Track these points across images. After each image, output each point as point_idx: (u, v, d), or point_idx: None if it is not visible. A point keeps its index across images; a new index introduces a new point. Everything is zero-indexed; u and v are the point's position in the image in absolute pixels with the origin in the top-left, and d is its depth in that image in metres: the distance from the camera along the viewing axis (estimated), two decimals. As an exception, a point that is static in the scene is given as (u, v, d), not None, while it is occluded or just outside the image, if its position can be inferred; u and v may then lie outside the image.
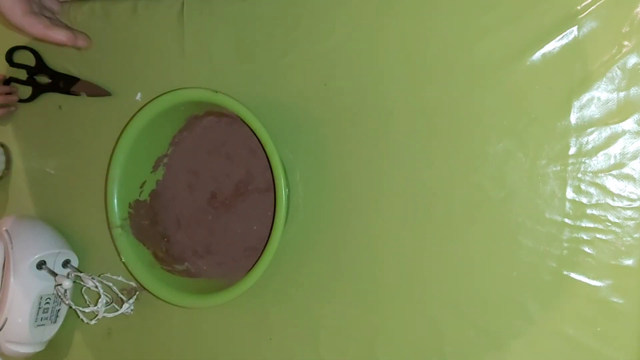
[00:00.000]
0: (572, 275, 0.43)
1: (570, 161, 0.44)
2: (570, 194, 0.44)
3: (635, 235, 0.42)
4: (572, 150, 0.44)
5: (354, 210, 0.50)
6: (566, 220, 0.44)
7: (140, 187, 0.54)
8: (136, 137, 0.51)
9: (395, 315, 0.49)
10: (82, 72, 0.60)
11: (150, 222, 0.55)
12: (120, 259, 0.53)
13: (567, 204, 0.44)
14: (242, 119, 0.48)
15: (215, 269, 0.55)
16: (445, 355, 0.47)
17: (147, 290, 0.52)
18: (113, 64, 0.59)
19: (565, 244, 0.44)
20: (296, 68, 0.50)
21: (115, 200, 0.53)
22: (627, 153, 0.42)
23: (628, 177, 0.42)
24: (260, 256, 0.47)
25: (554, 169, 0.44)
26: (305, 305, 0.52)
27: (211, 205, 0.55)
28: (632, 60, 0.42)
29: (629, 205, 0.42)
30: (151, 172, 0.55)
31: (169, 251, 0.56)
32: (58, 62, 0.61)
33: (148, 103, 0.50)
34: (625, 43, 0.42)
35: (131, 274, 0.53)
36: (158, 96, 0.49)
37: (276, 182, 0.46)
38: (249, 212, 0.54)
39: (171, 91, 0.49)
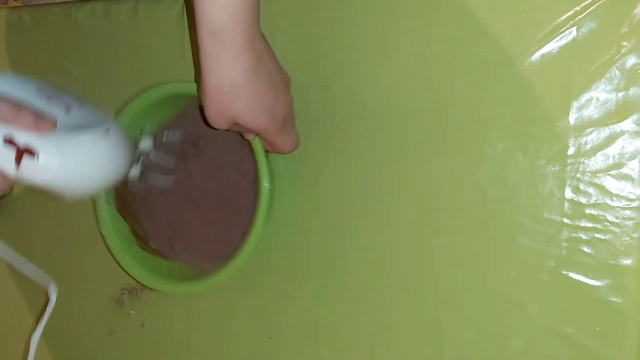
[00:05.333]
0: (571, 274, 0.44)
1: (569, 161, 0.44)
2: (569, 193, 0.44)
3: (634, 235, 0.42)
4: (571, 151, 0.44)
5: (354, 210, 0.50)
6: (565, 220, 0.44)
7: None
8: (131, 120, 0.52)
9: (395, 315, 0.49)
10: (82, 72, 0.60)
11: (131, 199, 0.56)
12: (99, 230, 0.53)
13: (566, 204, 0.44)
14: None
15: (190, 255, 0.55)
16: (445, 355, 0.47)
17: (119, 265, 0.53)
18: (113, 64, 0.59)
19: (564, 244, 0.44)
20: (296, 68, 0.51)
21: None
22: (625, 153, 0.43)
23: (627, 177, 0.43)
24: (239, 249, 0.48)
25: (552, 169, 0.44)
26: (305, 305, 0.52)
27: (190, 192, 0.56)
28: (630, 61, 0.42)
29: (628, 205, 0.42)
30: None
31: (145, 229, 0.56)
32: (58, 61, 0.61)
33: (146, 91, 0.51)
34: (624, 44, 0.42)
35: (106, 246, 0.53)
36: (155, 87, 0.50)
37: (259, 172, 0.47)
38: (233, 201, 0.54)
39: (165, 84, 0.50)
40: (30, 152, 0.38)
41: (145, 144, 0.53)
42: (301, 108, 0.51)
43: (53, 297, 0.50)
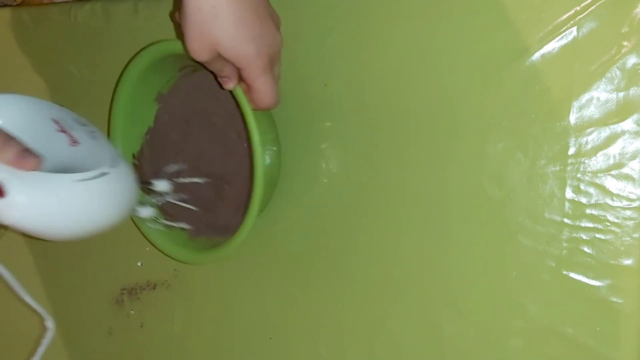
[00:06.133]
0: (572, 275, 0.44)
1: (569, 161, 0.44)
2: (569, 193, 0.44)
3: (635, 235, 0.42)
4: (571, 151, 0.44)
5: (354, 211, 0.50)
6: (565, 220, 0.44)
7: (145, 135, 0.56)
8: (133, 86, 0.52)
9: (396, 315, 0.49)
10: (82, 72, 0.60)
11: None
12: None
13: (567, 204, 0.44)
14: None
15: (212, 230, 0.55)
16: (445, 355, 0.47)
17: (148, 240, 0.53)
18: (113, 64, 0.59)
19: (565, 244, 0.44)
20: (296, 68, 0.51)
21: (121, 148, 0.54)
22: (626, 153, 0.43)
23: (627, 177, 0.43)
24: (243, 220, 0.48)
25: (553, 169, 0.44)
26: (305, 305, 0.52)
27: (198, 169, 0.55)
28: (631, 61, 0.42)
29: (628, 205, 0.42)
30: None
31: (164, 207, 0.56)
32: (58, 60, 0.61)
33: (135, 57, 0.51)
34: (625, 43, 0.42)
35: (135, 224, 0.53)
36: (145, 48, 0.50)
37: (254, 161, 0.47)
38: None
39: (161, 41, 0.49)
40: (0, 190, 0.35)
41: (161, 185, 0.51)
42: (301, 108, 0.51)
43: (50, 333, 0.47)
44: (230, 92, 0.46)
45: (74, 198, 0.38)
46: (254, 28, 0.40)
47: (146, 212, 0.51)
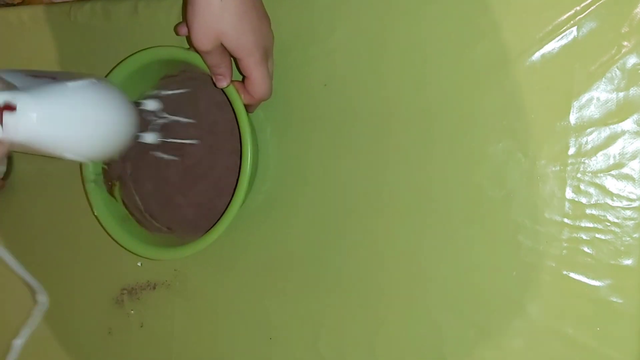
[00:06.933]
0: (572, 275, 0.44)
1: (569, 161, 0.44)
2: (569, 194, 0.44)
3: (635, 235, 0.42)
4: (571, 151, 0.44)
5: (354, 210, 0.50)
6: (565, 220, 0.44)
7: None
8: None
9: (395, 315, 0.49)
10: (82, 72, 0.60)
11: (122, 179, 0.56)
12: (93, 213, 0.54)
13: (567, 204, 0.44)
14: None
15: (185, 228, 0.56)
16: (445, 355, 0.47)
17: (118, 243, 0.53)
18: (113, 64, 0.59)
19: (565, 244, 0.44)
20: (296, 68, 0.50)
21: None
22: (626, 153, 0.43)
23: (627, 177, 0.43)
24: (220, 217, 0.48)
25: (553, 169, 0.44)
26: (305, 305, 0.52)
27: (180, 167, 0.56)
28: (631, 61, 0.42)
29: (629, 205, 0.42)
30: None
31: (140, 207, 0.57)
32: (58, 60, 0.61)
33: (122, 62, 0.51)
34: (625, 43, 0.42)
35: (103, 228, 0.53)
36: (130, 55, 0.51)
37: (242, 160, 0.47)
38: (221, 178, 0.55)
39: (144, 50, 0.50)
40: (10, 108, 0.37)
41: (151, 104, 0.52)
42: (301, 108, 0.51)
43: (42, 305, 0.48)
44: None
45: (77, 103, 0.40)
46: (254, 20, 0.44)
47: (150, 137, 0.52)
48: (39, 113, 0.38)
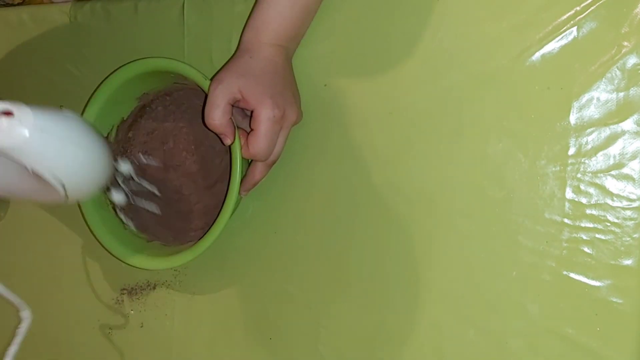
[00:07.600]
0: (572, 275, 0.44)
1: (569, 161, 0.44)
2: (569, 194, 0.44)
3: (635, 235, 0.42)
4: (571, 151, 0.44)
5: (354, 210, 0.50)
6: (566, 220, 0.44)
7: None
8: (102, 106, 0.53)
9: (396, 315, 0.49)
10: (82, 72, 0.60)
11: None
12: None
13: (567, 204, 0.44)
14: (201, 88, 0.48)
15: (165, 234, 0.56)
16: (445, 355, 0.47)
17: (91, 232, 0.53)
18: (113, 64, 0.59)
19: (565, 244, 0.44)
20: (296, 68, 0.51)
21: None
22: (626, 153, 0.43)
23: (627, 178, 0.43)
24: (209, 229, 0.48)
25: (553, 169, 0.44)
26: (306, 305, 0.52)
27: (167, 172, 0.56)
28: (631, 61, 0.42)
29: (629, 205, 0.42)
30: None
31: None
32: (58, 60, 0.61)
33: (115, 71, 0.52)
34: (625, 43, 0.42)
35: (81, 212, 0.54)
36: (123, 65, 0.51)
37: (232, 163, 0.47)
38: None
39: (136, 60, 0.50)
40: (8, 113, 0.38)
41: (124, 167, 0.53)
42: (301, 108, 0.51)
43: (25, 324, 0.48)
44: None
45: (70, 126, 0.42)
46: (277, 87, 0.46)
47: (118, 196, 0.53)
48: (35, 122, 0.39)
